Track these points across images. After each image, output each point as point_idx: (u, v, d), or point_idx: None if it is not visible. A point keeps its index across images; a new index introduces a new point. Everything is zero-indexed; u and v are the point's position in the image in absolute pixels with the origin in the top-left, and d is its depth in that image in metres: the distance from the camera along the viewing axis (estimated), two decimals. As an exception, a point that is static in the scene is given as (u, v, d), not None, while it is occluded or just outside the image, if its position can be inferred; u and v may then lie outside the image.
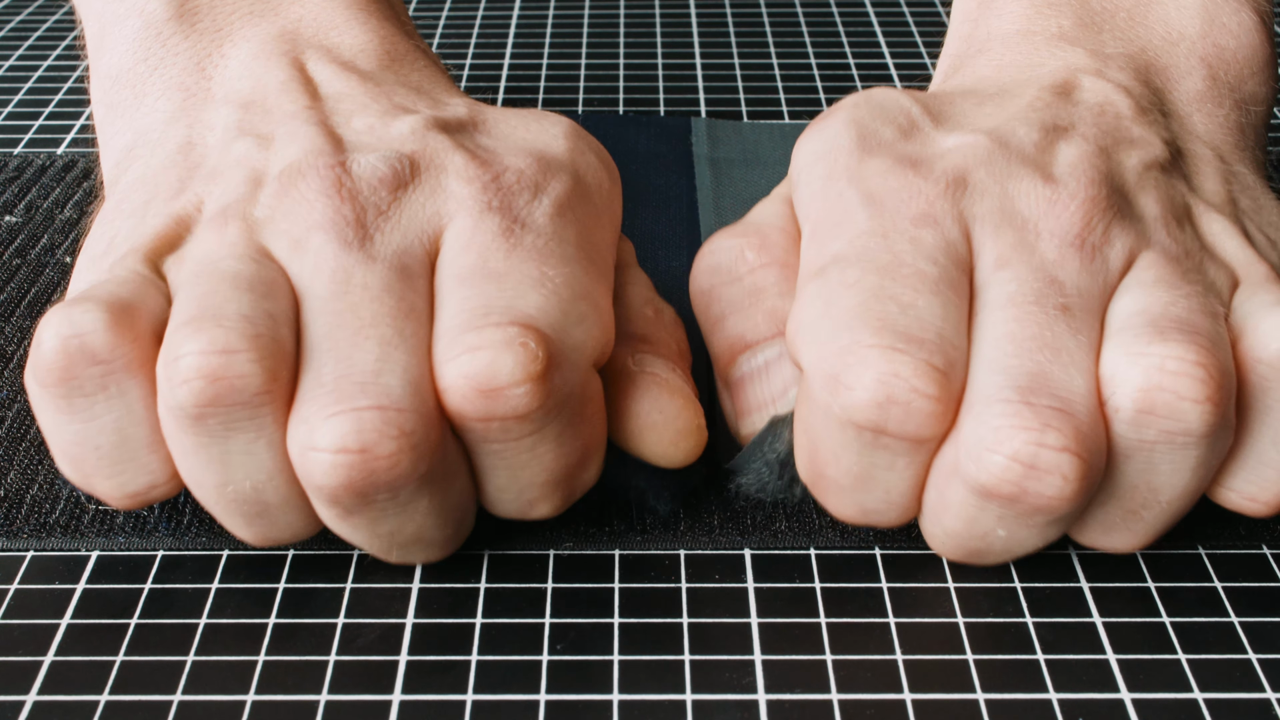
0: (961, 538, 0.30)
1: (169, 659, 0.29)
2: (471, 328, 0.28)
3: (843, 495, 0.30)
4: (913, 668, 0.29)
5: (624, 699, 0.28)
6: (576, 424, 0.29)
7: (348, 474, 0.27)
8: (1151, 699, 0.28)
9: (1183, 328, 0.28)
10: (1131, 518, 0.30)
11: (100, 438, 0.29)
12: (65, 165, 0.49)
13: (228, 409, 0.27)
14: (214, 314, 0.28)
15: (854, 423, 0.28)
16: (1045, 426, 0.27)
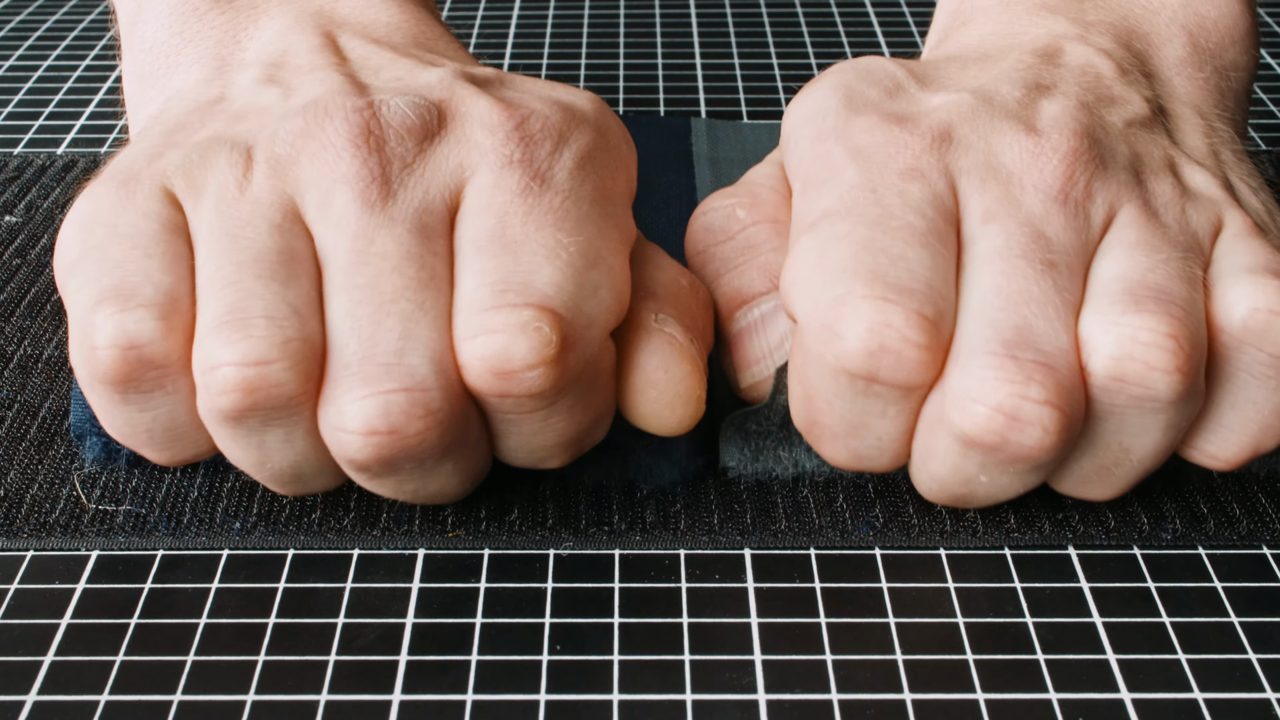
0: (947, 483, 0.31)
1: (169, 659, 0.29)
2: (489, 307, 0.29)
3: (836, 441, 0.31)
4: (913, 668, 0.29)
5: (624, 699, 0.28)
6: (589, 395, 0.30)
7: (377, 451, 0.28)
8: (1151, 699, 0.28)
9: (1159, 297, 0.29)
10: (1104, 472, 0.31)
11: (154, 424, 0.30)
12: (65, 165, 0.49)
13: (265, 413, 0.29)
14: (243, 318, 0.28)
15: (847, 371, 0.29)
16: (1028, 380, 0.28)
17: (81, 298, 0.29)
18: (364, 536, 0.32)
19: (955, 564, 0.32)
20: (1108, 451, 0.31)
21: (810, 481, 0.34)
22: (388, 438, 0.28)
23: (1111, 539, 0.33)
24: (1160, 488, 0.34)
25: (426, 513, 0.33)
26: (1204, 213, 0.32)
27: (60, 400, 0.37)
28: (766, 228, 0.34)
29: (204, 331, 0.29)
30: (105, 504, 0.33)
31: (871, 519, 0.33)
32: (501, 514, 0.33)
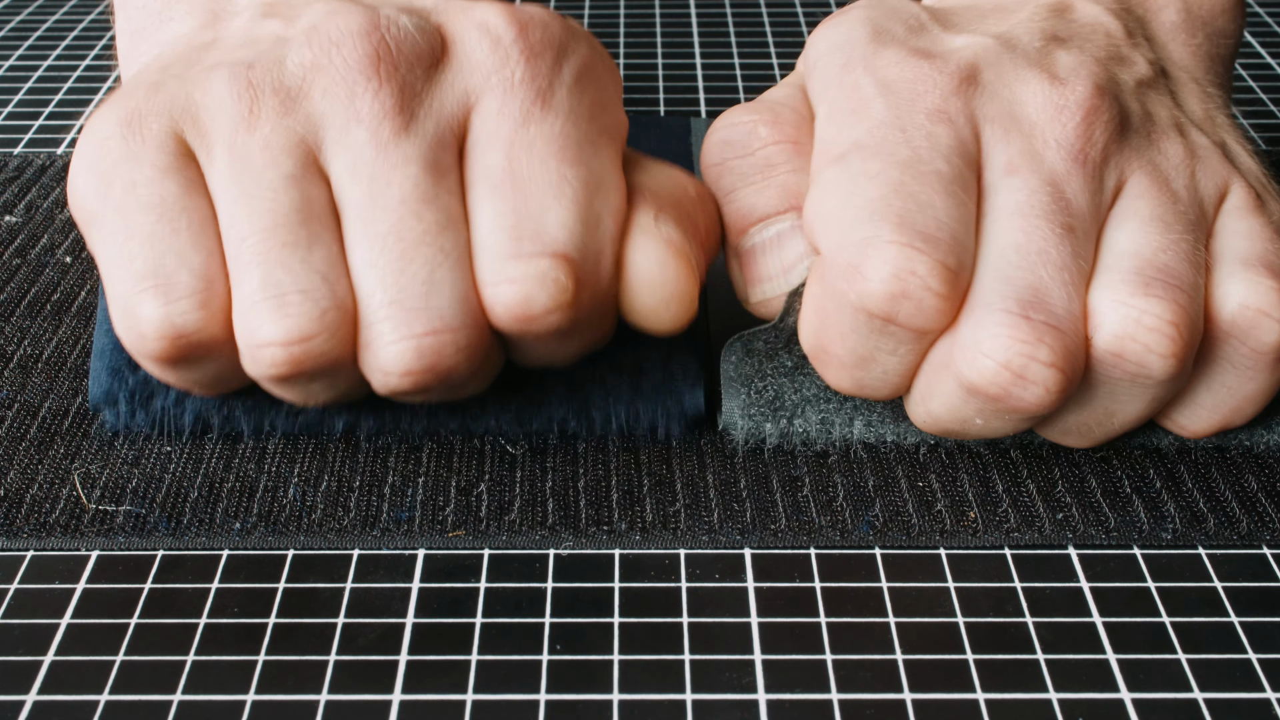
0: (942, 421, 0.33)
1: (169, 659, 0.29)
2: (508, 256, 0.31)
3: (843, 370, 0.32)
4: (913, 668, 0.29)
5: (624, 699, 0.28)
6: (598, 318, 0.32)
7: (414, 384, 0.31)
8: (1151, 699, 0.28)
9: (1167, 281, 0.31)
10: (1086, 429, 0.33)
11: (202, 379, 0.33)
12: (65, 165, 0.49)
13: (309, 375, 0.31)
14: (278, 294, 0.30)
15: (867, 310, 0.31)
16: (1039, 341, 0.30)
17: (119, 276, 0.31)
18: (364, 537, 0.32)
19: (955, 564, 0.32)
20: (1093, 413, 0.33)
21: (803, 438, 0.35)
22: (423, 375, 0.31)
23: (1111, 539, 0.33)
24: (1160, 487, 0.34)
25: (426, 513, 0.33)
26: (1211, 178, 0.33)
27: (60, 400, 0.37)
28: (787, 148, 0.34)
29: (242, 308, 0.30)
30: (105, 504, 0.33)
31: (871, 519, 0.33)
32: (501, 514, 0.33)
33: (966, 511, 0.33)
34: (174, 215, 0.31)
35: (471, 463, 0.35)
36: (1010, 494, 0.34)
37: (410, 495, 0.34)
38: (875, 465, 0.35)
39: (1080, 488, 0.34)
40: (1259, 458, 0.35)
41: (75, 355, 0.39)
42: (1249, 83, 0.57)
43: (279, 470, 0.34)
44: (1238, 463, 0.35)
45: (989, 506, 0.33)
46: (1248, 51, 0.60)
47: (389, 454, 0.35)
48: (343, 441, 0.35)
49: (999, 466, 0.35)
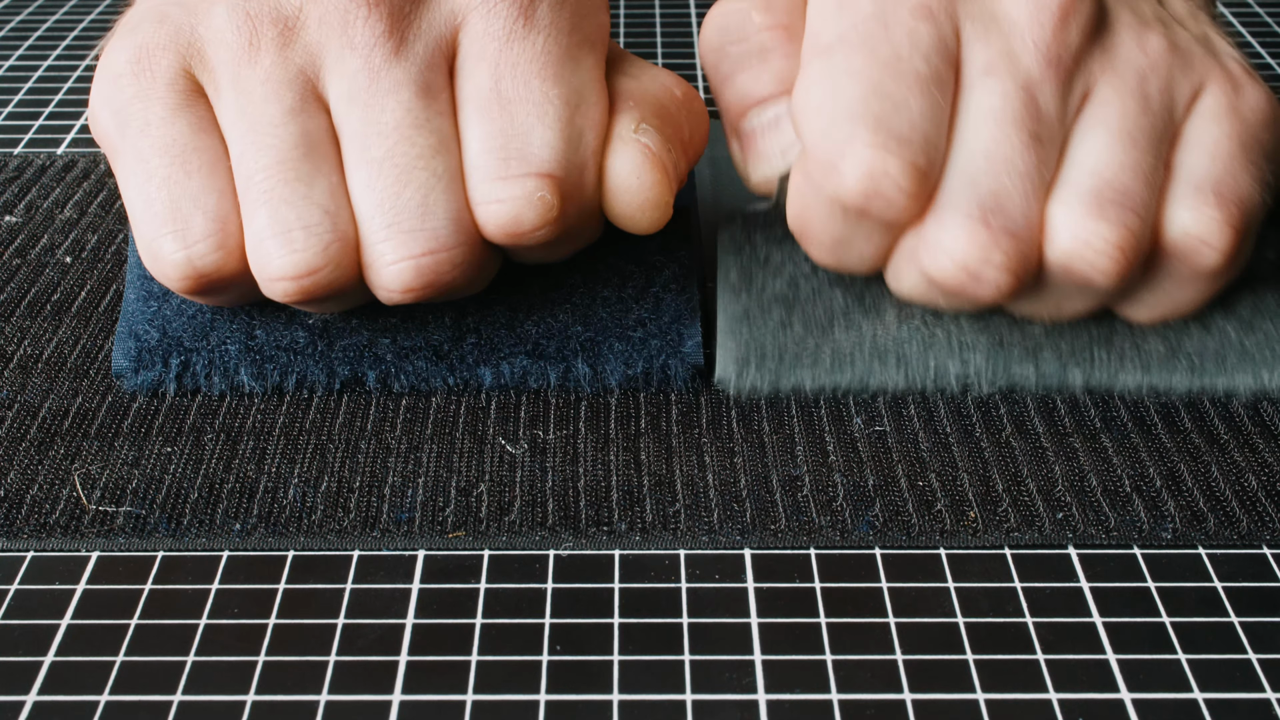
0: (913, 297, 0.36)
1: (169, 659, 0.29)
2: (497, 177, 0.33)
3: (823, 249, 0.35)
4: (913, 668, 0.29)
5: (624, 699, 0.28)
6: (585, 224, 0.35)
7: (416, 298, 0.34)
8: (1151, 699, 0.28)
9: (1120, 203, 0.33)
10: (1037, 315, 0.37)
11: (224, 301, 0.36)
12: (65, 165, 0.49)
13: (320, 297, 0.34)
14: (285, 231, 0.33)
15: (843, 203, 0.33)
16: (995, 246, 0.33)
17: (142, 218, 0.33)
18: (364, 538, 0.32)
19: (955, 564, 0.32)
20: (1044, 304, 0.36)
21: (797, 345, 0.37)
22: (423, 290, 0.33)
23: (1111, 539, 0.33)
24: (1160, 487, 0.34)
25: (426, 514, 0.33)
26: (1188, 76, 0.35)
27: (60, 400, 0.37)
28: (780, 33, 0.36)
29: (253, 244, 0.33)
30: (105, 505, 0.33)
31: (871, 519, 0.33)
32: (501, 514, 0.33)
33: (966, 511, 0.33)
34: (186, 157, 0.33)
35: (471, 463, 0.35)
36: (1010, 494, 0.34)
37: (410, 496, 0.34)
38: (875, 465, 0.35)
39: (1080, 487, 0.34)
40: (1260, 457, 0.35)
41: (75, 355, 0.39)
42: (1249, 82, 0.57)
43: (279, 471, 0.34)
44: (1238, 463, 0.35)
45: (989, 506, 0.33)
46: (1247, 51, 0.60)
47: (389, 454, 0.35)
48: (343, 442, 0.35)
49: (999, 466, 0.35)
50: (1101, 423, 0.36)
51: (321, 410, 0.37)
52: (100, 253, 0.44)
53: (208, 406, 0.37)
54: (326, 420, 0.36)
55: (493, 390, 0.37)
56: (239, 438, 0.36)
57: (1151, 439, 0.36)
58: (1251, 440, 0.36)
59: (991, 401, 0.37)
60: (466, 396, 0.37)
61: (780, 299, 0.38)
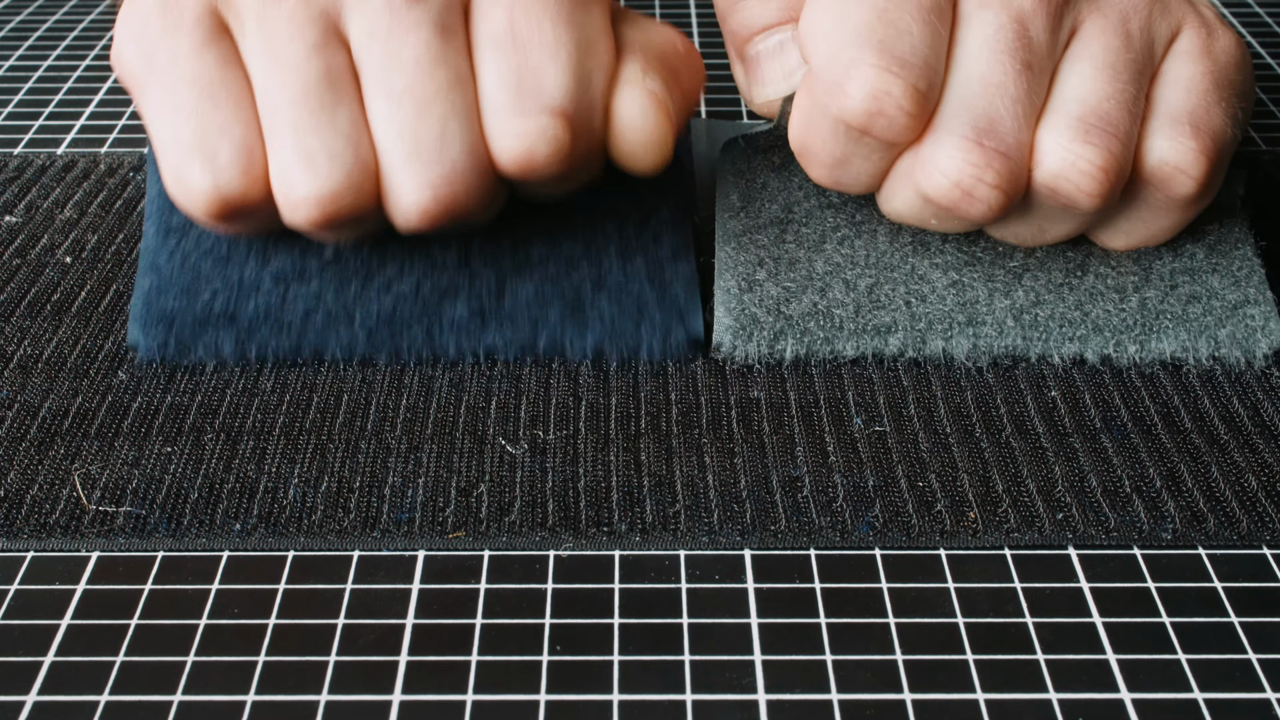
0: (904, 217, 0.38)
1: (169, 659, 0.29)
2: (511, 113, 0.35)
3: (823, 168, 0.37)
4: (913, 668, 0.29)
5: (624, 699, 0.28)
6: (591, 161, 0.37)
7: (432, 223, 0.35)
8: (1151, 699, 0.28)
9: (1104, 128, 0.35)
10: (1021, 237, 0.39)
11: (246, 230, 0.37)
12: (65, 165, 0.49)
13: (340, 224, 0.35)
14: (308, 157, 0.34)
15: (845, 122, 0.35)
16: (988, 165, 0.35)
17: (170, 146, 0.35)
18: (364, 538, 0.32)
19: (955, 564, 0.32)
20: (1029, 226, 0.38)
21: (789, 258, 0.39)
22: (439, 217, 0.35)
23: (1111, 539, 0.33)
24: (1160, 487, 0.34)
25: (427, 514, 0.33)
26: (1166, 19, 0.37)
27: (60, 400, 0.37)
28: None
29: (278, 170, 0.34)
30: (105, 505, 0.33)
31: (871, 519, 0.33)
32: (501, 515, 0.33)
33: (966, 512, 0.33)
34: (214, 89, 0.34)
35: (471, 464, 0.35)
36: (1010, 494, 0.34)
37: (410, 496, 0.34)
38: (875, 466, 0.35)
39: (1080, 488, 0.34)
40: (1259, 457, 0.35)
41: (75, 355, 0.39)
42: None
43: (279, 471, 0.34)
44: (1238, 463, 0.35)
45: (989, 506, 0.33)
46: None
47: (389, 455, 0.35)
48: (343, 442, 0.35)
49: (999, 467, 0.35)
50: (1101, 423, 0.36)
51: (321, 410, 0.37)
52: (100, 253, 0.44)
53: (208, 406, 0.37)
54: (326, 420, 0.36)
55: (502, 318, 0.38)
56: (239, 438, 0.36)
57: (1151, 439, 0.36)
58: (1251, 440, 0.36)
59: (992, 402, 0.37)
60: (467, 396, 0.37)
61: (776, 220, 0.40)
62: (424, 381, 0.38)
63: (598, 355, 0.38)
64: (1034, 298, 0.39)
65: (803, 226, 0.40)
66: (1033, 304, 0.39)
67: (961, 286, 0.39)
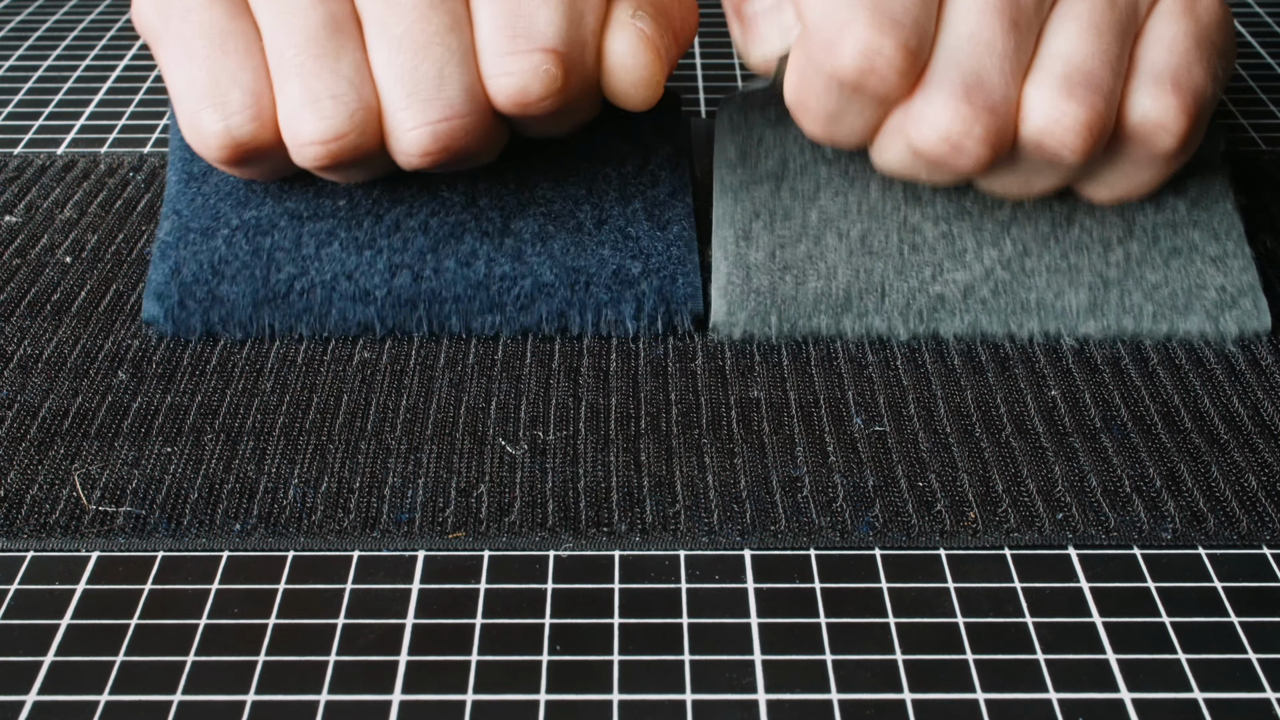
0: (895, 171, 0.39)
1: (169, 659, 0.29)
2: (506, 52, 0.36)
3: (816, 122, 0.38)
4: (913, 668, 0.29)
5: (624, 699, 0.28)
6: (585, 99, 0.38)
7: (433, 161, 0.37)
8: (1151, 699, 0.28)
9: (1089, 85, 0.36)
10: (1008, 190, 0.40)
11: (257, 173, 0.39)
12: (65, 165, 0.49)
13: (346, 162, 0.37)
14: (314, 100, 0.36)
15: (839, 78, 0.36)
16: (976, 120, 0.36)
17: (184, 95, 0.37)
18: (364, 538, 0.33)
19: (955, 564, 0.32)
20: (1015, 179, 0.39)
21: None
22: (439, 154, 0.36)
23: (1111, 539, 0.33)
24: (1160, 487, 0.34)
25: (427, 514, 0.33)
26: None
27: (60, 400, 0.37)
28: None
29: (286, 113, 0.36)
30: (105, 505, 0.33)
31: (871, 519, 0.33)
32: (501, 515, 0.33)
33: (966, 512, 0.33)
34: (224, 39, 0.36)
35: (471, 464, 0.35)
36: (1010, 494, 0.34)
37: (410, 497, 0.34)
38: (875, 466, 0.35)
39: (1080, 488, 0.34)
40: (1259, 457, 0.35)
41: (75, 355, 0.39)
42: (1249, 83, 0.57)
43: (279, 471, 0.34)
44: (1238, 463, 0.35)
45: (989, 506, 0.33)
46: (1247, 51, 0.60)
47: (389, 455, 0.35)
48: (343, 442, 0.35)
49: (999, 467, 0.35)
50: (1101, 423, 0.36)
51: (321, 410, 0.37)
52: (100, 253, 0.44)
53: (208, 406, 0.37)
54: (326, 420, 0.36)
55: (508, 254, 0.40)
56: (239, 438, 0.36)
57: (1151, 439, 0.36)
58: (1251, 440, 0.36)
59: (992, 402, 0.37)
60: (467, 396, 0.37)
61: (772, 174, 0.42)
62: (424, 382, 0.38)
63: (597, 307, 0.39)
64: (1021, 248, 0.40)
65: (798, 179, 0.42)
66: (1020, 254, 0.40)
67: (951, 237, 0.40)
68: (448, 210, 0.41)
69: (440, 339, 0.39)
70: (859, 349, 0.39)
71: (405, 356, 0.39)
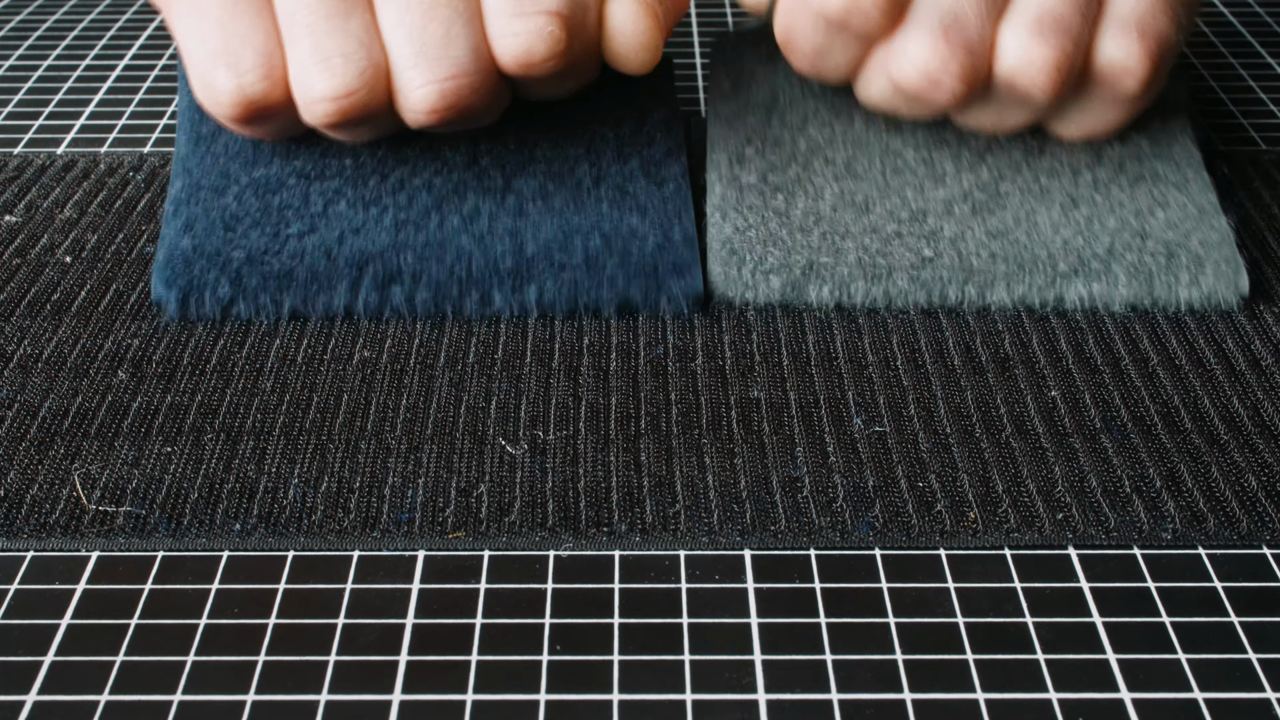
0: (878, 105, 0.42)
1: (169, 659, 0.29)
2: (511, 14, 0.37)
3: (805, 59, 0.41)
4: (913, 668, 0.29)
5: (624, 699, 0.28)
6: (586, 62, 0.40)
7: (440, 119, 0.38)
8: (1151, 699, 0.28)
9: (1059, 29, 0.39)
10: (981, 126, 0.43)
11: (269, 134, 0.41)
12: (65, 165, 0.49)
13: (356, 120, 0.38)
14: (325, 59, 0.37)
15: (826, 18, 0.39)
16: (953, 57, 0.38)
17: (197, 54, 0.38)
18: (364, 538, 0.33)
19: (955, 564, 0.32)
20: (988, 114, 0.42)
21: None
22: (446, 112, 0.38)
23: (1111, 539, 0.33)
24: (1160, 487, 0.34)
25: (427, 514, 0.33)
26: None
27: (60, 400, 0.37)
28: None
29: (296, 71, 0.37)
30: (105, 505, 0.33)
31: (871, 519, 0.33)
32: (501, 515, 0.33)
33: (966, 512, 0.33)
34: (236, 1, 0.37)
35: (471, 464, 0.35)
36: (1010, 494, 0.34)
37: (410, 497, 0.34)
38: (875, 466, 0.35)
39: (1080, 488, 0.34)
40: (1259, 457, 0.35)
41: (75, 355, 0.39)
42: (1249, 83, 0.57)
43: (279, 471, 0.34)
44: (1238, 463, 0.35)
45: (989, 507, 0.33)
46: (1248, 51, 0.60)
47: (389, 455, 0.35)
48: (343, 442, 0.35)
49: (999, 467, 0.35)
50: (1101, 423, 0.36)
51: (321, 410, 0.37)
52: (100, 253, 0.44)
53: (208, 406, 0.37)
54: (326, 420, 0.36)
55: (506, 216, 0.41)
56: (239, 438, 0.36)
57: (1151, 439, 0.36)
58: (1251, 440, 0.36)
59: (992, 402, 0.37)
60: (467, 396, 0.37)
61: (763, 104, 0.45)
62: (424, 382, 0.38)
63: (594, 257, 0.40)
64: (996, 173, 0.43)
65: (787, 111, 0.45)
66: (995, 178, 0.43)
67: (931, 162, 0.44)
68: (451, 169, 0.42)
69: (440, 339, 0.39)
70: (859, 349, 0.39)
71: (405, 356, 0.39)
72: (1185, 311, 0.40)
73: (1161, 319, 0.40)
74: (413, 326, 0.40)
